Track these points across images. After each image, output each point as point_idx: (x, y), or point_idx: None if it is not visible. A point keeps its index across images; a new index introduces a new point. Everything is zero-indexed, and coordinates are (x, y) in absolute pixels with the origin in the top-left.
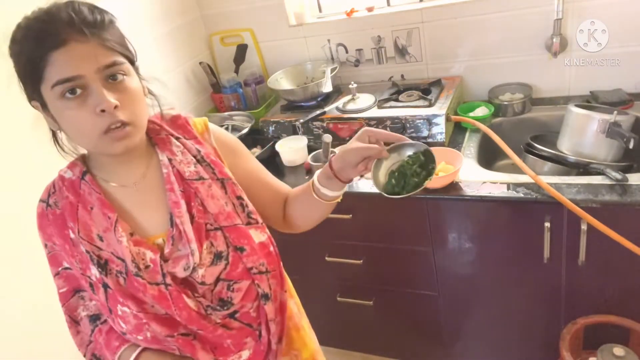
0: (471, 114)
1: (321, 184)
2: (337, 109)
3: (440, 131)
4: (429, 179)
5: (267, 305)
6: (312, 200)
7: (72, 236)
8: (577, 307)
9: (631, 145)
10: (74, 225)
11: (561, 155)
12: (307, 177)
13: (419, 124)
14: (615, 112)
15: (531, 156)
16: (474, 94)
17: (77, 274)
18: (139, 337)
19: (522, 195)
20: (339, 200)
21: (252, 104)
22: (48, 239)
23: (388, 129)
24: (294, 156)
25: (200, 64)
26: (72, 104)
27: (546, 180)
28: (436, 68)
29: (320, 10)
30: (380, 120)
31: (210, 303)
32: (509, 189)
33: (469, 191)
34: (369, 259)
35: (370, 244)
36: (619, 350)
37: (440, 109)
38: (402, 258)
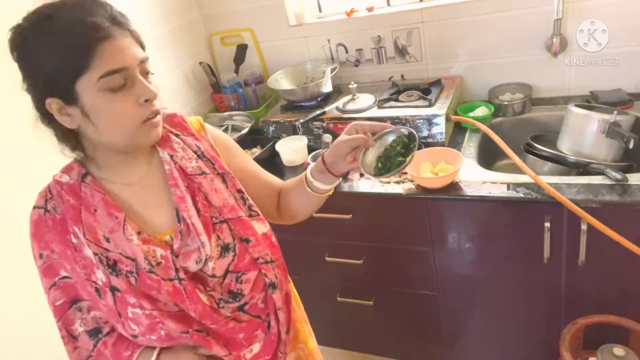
0: (471, 114)
1: (314, 177)
2: (337, 109)
3: (440, 131)
4: (410, 156)
5: (274, 293)
6: (305, 193)
7: (74, 241)
8: (577, 307)
9: (631, 145)
10: (79, 228)
11: (561, 155)
12: None
13: (419, 124)
14: (615, 112)
15: (531, 156)
16: (474, 94)
17: (80, 281)
18: (153, 337)
19: (522, 195)
20: (330, 194)
21: (252, 104)
22: (45, 247)
23: None
24: (294, 156)
25: (200, 64)
26: (116, 95)
27: (546, 180)
28: (436, 68)
29: (320, 10)
30: (380, 121)
31: (220, 296)
32: (509, 189)
33: (469, 191)
34: (369, 259)
35: (370, 244)
36: (619, 350)
37: (440, 109)
38: (402, 258)
